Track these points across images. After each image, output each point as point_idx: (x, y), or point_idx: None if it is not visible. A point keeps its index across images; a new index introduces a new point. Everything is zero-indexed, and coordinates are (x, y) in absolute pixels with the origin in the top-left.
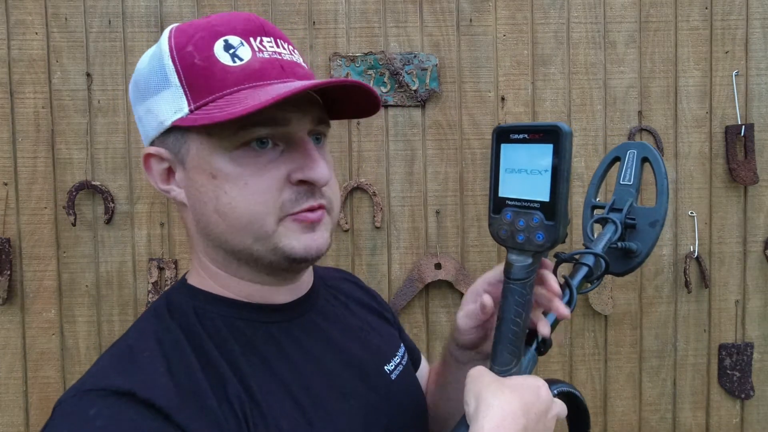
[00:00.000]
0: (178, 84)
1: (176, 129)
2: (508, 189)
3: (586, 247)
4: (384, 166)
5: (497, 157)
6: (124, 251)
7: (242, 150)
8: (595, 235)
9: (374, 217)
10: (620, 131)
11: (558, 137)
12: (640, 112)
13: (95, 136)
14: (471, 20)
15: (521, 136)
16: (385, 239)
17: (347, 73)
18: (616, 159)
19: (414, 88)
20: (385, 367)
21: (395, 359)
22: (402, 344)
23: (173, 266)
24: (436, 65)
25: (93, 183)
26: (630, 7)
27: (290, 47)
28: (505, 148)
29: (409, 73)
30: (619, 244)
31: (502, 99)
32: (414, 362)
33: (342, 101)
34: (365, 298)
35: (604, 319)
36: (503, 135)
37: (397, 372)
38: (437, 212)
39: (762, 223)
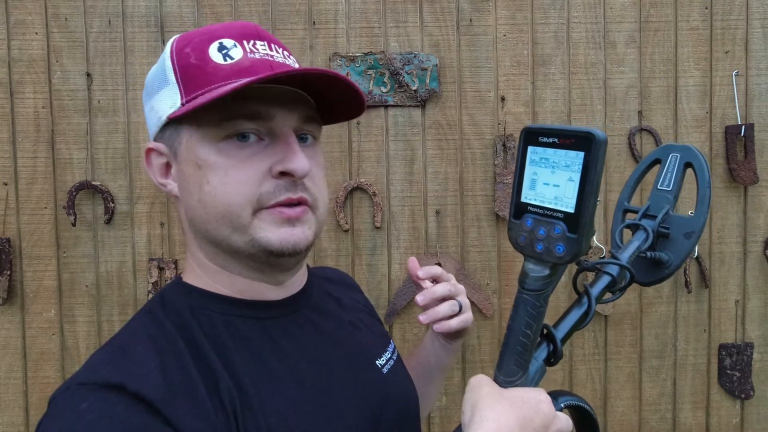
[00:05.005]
0: (175, 81)
1: (172, 123)
2: (531, 194)
3: (612, 255)
4: (384, 166)
5: (522, 159)
6: (124, 251)
7: (227, 142)
8: (624, 241)
9: (374, 217)
10: (620, 131)
11: (590, 145)
12: (640, 112)
13: (95, 136)
14: (471, 20)
15: (551, 139)
16: (385, 239)
17: (347, 73)
18: (656, 161)
19: (414, 88)
20: (377, 362)
21: (386, 354)
22: (392, 341)
23: (173, 266)
24: (436, 65)
25: (93, 183)
26: (630, 7)
27: (285, 52)
28: (533, 151)
29: (409, 73)
30: (648, 253)
31: (502, 99)
32: None
33: (334, 103)
34: (357, 297)
35: (604, 319)
36: (531, 136)
37: (388, 366)
38: (437, 212)
39: (762, 223)
